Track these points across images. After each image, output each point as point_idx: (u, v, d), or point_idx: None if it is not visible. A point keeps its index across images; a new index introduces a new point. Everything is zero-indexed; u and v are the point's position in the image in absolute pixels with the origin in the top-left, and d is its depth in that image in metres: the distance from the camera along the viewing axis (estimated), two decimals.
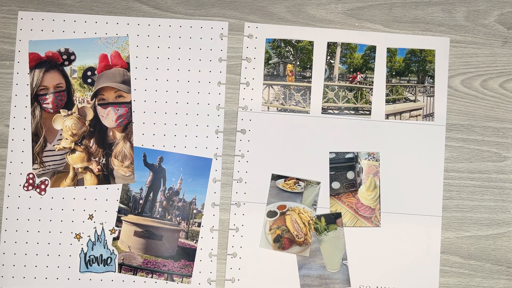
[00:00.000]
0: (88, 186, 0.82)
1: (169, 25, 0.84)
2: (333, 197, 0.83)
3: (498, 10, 0.85)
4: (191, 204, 0.82)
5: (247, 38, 0.84)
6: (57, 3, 0.84)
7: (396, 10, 0.85)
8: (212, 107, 0.83)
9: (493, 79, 0.84)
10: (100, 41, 0.83)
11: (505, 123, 0.84)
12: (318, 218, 0.82)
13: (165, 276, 0.81)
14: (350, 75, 0.84)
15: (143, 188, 0.82)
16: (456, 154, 0.83)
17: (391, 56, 0.84)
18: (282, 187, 0.82)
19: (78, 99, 0.83)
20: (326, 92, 0.84)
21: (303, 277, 0.81)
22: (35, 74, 0.82)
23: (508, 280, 0.82)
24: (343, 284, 0.81)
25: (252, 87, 0.84)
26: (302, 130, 0.83)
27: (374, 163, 0.83)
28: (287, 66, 0.84)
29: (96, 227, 0.82)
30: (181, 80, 0.83)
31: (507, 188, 0.83)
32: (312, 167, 0.83)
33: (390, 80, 0.84)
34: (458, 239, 0.82)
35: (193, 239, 0.82)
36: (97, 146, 0.83)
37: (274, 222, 0.82)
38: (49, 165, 0.82)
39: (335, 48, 0.84)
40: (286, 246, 0.82)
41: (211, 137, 0.83)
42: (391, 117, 0.84)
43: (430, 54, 0.84)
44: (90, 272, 0.81)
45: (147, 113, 0.83)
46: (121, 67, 0.83)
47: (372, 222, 0.82)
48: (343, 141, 0.83)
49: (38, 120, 0.82)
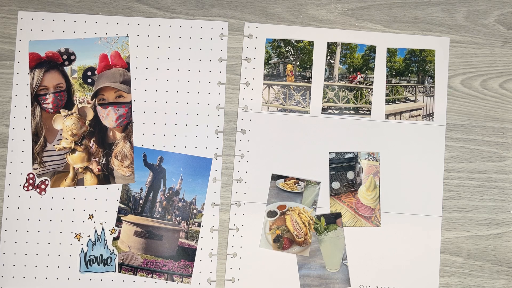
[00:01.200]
0: (88, 186, 0.82)
1: (169, 25, 0.83)
2: (333, 197, 0.83)
3: (498, 10, 0.85)
4: (191, 204, 0.82)
5: (247, 38, 0.84)
6: (57, 3, 0.84)
7: (396, 10, 0.85)
8: (212, 107, 0.83)
9: (493, 79, 0.84)
10: (100, 41, 0.83)
11: (505, 123, 0.84)
12: (318, 218, 0.82)
13: (165, 276, 0.81)
14: (350, 75, 0.84)
15: (143, 188, 0.82)
16: (456, 154, 0.83)
17: (391, 56, 0.84)
18: (282, 187, 0.82)
19: (78, 99, 0.83)
20: (326, 92, 0.84)
21: (303, 277, 0.81)
22: (35, 74, 0.82)
23: (508, 280, 0.82)
24: (343, 284, 0.81)
25: (252, 87, 0.84)
26: (302, 131, 0.83)
27: (374, 163, 0.83)
28: (287, 66, 0.84)
29: (96, 227, 0.82)
30: (181, 80, 0.83)
31: (507, 188, 0.83)
32: (312, 167, 0.83)
33: (390, 80, 0.84)
34: (458, 239, 0.82)
35: (193, 239, 0.82)
36: (97, 146, 0.83)
37: (274, 222, 0.82)
38: (49, 165, 0.82)
39: (335, 48, 0.84)
40: (286, 246, 0.82)
41: (211, 137, 0.83)
42: (391, 117, 0.84)
43: (430, 54, 0.84)
44: (90, 272, 0.81)
45: (147, 113, 0.83)
46: (121, 67, 0.83)
47: (372, 222, 0.82)
48: (343, 142, 0.83)
49: (38, 120, 0.82)
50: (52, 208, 0.82)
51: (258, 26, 0.84)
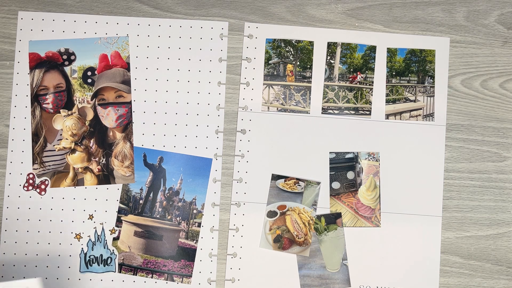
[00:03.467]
0: (88, 186, 0.82)
1: (169, 25, 0.83)
2: (333, 197, 0.83)
3: (498, 10, 0.85)
4: (191, 204, 0.82)
5: (247, 38, 0.84)
6: (57, 3, 0.84)
7: (396, 10, 0.85)
8: (212, 107, 0.83)
9: (493, 79, 0.84)
10: (100, 41, 0.83)
11: (505, 123, 0.84)
12: (318, 218, 0.82)
13: (165, 276, 0.81)
14: (350, 75, 0.84)
15: (143, 188, 0.82)
16: (456, 154, 0.83)
17: (391, 56, 0.84)
18: (282, 187, 0.82)
19: (78, 99, 0.83)
20: (326, 92, 0.84)
21: (303, 277, 0.81)
22: (35, 74, 0.82)
23: (508, 280, 0.82)
24: (343, 284, 0.81)
25: (252, 87, 0.84)
26: (302, 131, 0.83)
27: (374, 163, 0.83)
28: (287, 66, 0.84)
29: (96, 227, 0.82)
30: (181, 80, 0.83)
31: (507, 188, 0.83)
32: (312, 167, 0.83)
33: (390, 80, 0.84)
34: (458, 239, 0.82)
35: (193, 239, 0.82)
36: (97, 146, 0.83)
37: (274, 222, 0.82)
38: (49, 165, 0.82)
39: (335, 48, 0.84)
40: (286, 246, 0.81)
41: (211, 137, 0.83)
42: (391, 117, 0.84)
43: (430, 54, 0.84)
44: (90, 272, 0.81)
45: (147, 113, 0.83)
46: (121, 67, 0.83)
47: (372, 222, 0.82)
48: (343, 142, 0.83)
49: (38, 120, 0.82)
50: (52, 208, 0.82)
51: (258, 26, 0.84)
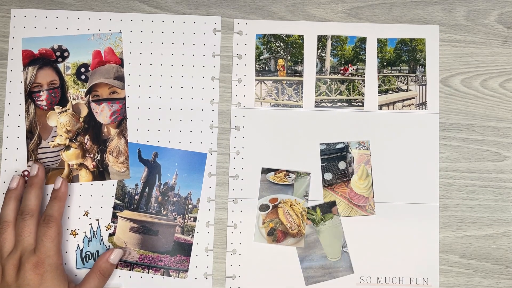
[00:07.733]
0: (83, 183, 0.82)
1: (162, 20, 0.84)
2: (326, 188, 0.83)
3: (498, 10, 0.85)
4: (187, 199, 0.82)
5: (237, 35, 0.85)
6: (56, 3, 0.84)
7: (396, 10, 0.85)
8: (206, 102, 0.83)
9: (493, 79, 0.84)
10: (93, 37, 0.84)
11: (505, 123, 0.84)
12: (313, 209, 0.82)
13: (161, 271, 0.81)
14: (342, 67, 0.85)
15: (138, 183, 0.82)
16: (456, 154, 0.83)
17: (381, 46, 0.84)
18: (273, 180, 0.82)
19: (72, 96, 0.83)
20: (319, 86, 0.84)
21: (306, 269, 0.81)
22: (28, 71, 0.83)
23: (508, 279, 0.82)
24: (347, 272, 0.81)
25: (244, 84, 0.84)
26: (296, 125, 0.83)
27: (364, 151, 0.83)
28: (278, 61, 0.85)
29: (92, 223, 0.82)
30: (175, 76, 0.84)
31: (507, 187, 0.83)
32: (308, 161, 0.83)
33: (381, 71, 0.85)
34: (458, 239, 0.82)
35: (189, 234, 0.82)
36: (91, 142, 0.83)
37: (267, 216, 0.82)
38: (44, 162, 0.82)
39: (325, 41, 0.85)
40: (280, 238, 0.81)
41: (206, 132, 0.83)
42: (384, 108, 0.84)
43: (420, 43, 0.84)
44: (86, 268, 0.81)
45: (141, 109, 0.83)
46: (115, 63, 0.83)
47: (366, 211, 0.82)
48: (337, 134, 0.83)
49: (32, 117, 0.82)
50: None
51: (248, 23, 0.85)
